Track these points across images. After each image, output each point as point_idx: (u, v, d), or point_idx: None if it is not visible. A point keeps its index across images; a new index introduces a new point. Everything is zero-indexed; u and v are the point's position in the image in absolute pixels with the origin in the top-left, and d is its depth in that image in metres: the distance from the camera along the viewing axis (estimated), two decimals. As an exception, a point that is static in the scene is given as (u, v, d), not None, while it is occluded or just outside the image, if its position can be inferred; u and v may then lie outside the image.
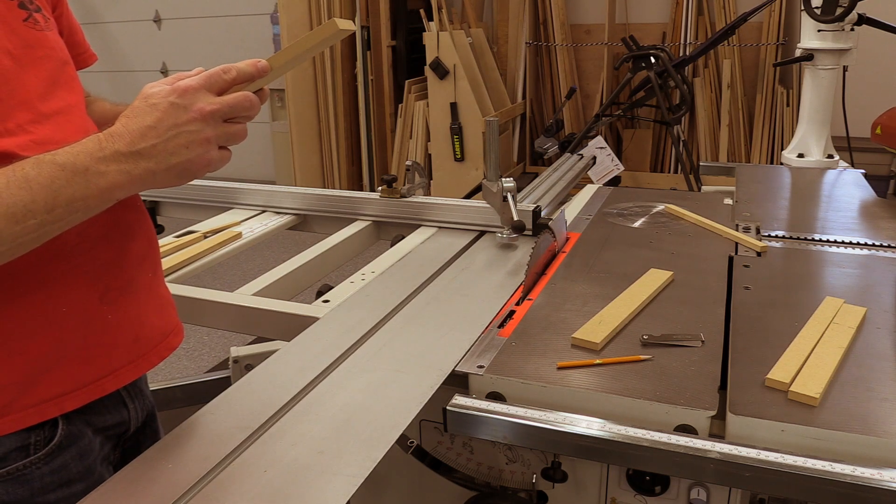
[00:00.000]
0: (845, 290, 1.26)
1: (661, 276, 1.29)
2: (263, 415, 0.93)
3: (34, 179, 0.71)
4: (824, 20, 2.55)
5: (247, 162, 6.29)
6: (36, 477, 0.84)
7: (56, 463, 0.85)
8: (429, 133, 5.24)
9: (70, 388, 0.85)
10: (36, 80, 0.86)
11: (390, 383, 1.00)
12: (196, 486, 0.80)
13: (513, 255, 1.51)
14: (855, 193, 1.92)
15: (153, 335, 0.96)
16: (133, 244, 0.94)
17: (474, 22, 5.48)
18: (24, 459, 0.83)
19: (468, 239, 1.62)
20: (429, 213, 1.72)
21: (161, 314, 0.99)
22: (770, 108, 4.89)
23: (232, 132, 0.81)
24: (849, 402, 0.90)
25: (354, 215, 1.81)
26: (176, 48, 6.18)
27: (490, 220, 1.62)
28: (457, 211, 1.69)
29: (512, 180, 1.50)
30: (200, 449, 0.87)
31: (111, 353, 0.90)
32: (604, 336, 1.07)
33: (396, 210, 1.75)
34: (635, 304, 1.18)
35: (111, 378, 0.90)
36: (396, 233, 1.76)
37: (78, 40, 1.04)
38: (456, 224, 1.69)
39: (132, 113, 0.77)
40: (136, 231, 0.95)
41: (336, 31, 0.85)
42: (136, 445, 1.02)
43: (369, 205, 1.79)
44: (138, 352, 0.93)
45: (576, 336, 1.08)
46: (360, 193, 1.83)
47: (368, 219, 1.79)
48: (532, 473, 1.02)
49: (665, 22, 5.18)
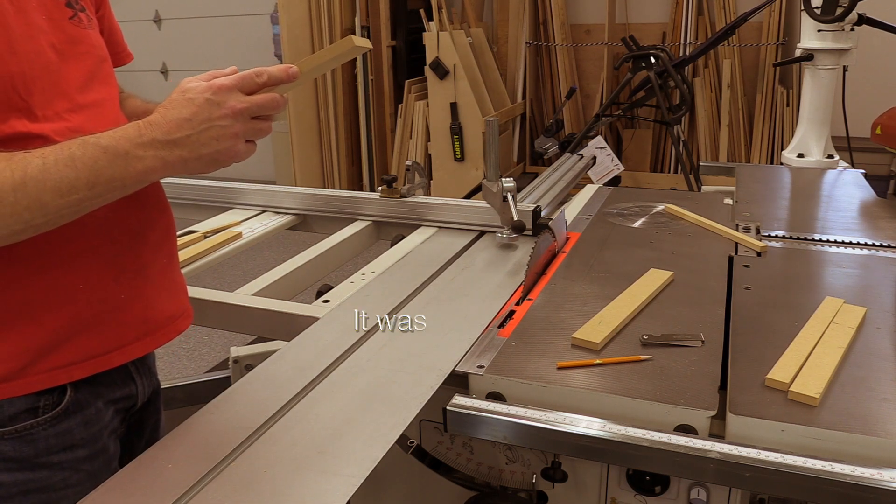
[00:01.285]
0: (845, 290, 1.26)
1: (661, 276, 1.29)
2: (263, 415, 0.93)
3: (79, 159, 0.79)
4: (824, 20, 2.55)
5: (247, 162, 6.28)
6: (41, 438, 0.90)
7: (61, 427, 0.91)
8: (429, 133, 5.24)
9: (80, 358, 0.92)
10: (76, 73, 0.93)
11: (390, 383, 1.00)
12: (196, 486, 0.80)
13: (513, 255, 1.51)
14: (855, 193, 1.92)
15: (162, 317, 1.02)
16: (152, 233, 1.00)
17: (474, 22, 5.48)
18: (32, 419, 0.89)
19: (468, 239, 1.62)
20: (429, 213, 1.72)
21: (172, 298, 1.05)
22: (770, 108, 4.89)
23: (258, 128, 0.89)
24: (849, 402, 0.90)
25: (354, 215, 1.80)
26: (176, 48, 6.17)
27: (490, 220, 1.62)
28: (457, 211, 1.69)
29: (512, 180, 1.50)
30: (200, 449, 0.86)
31: (121, 329, 0.96)
32: (604, 336, 1.07)
33: (396, 210, 1.75)
34: (635, 304, 1.18)
35: (119, 352, 0.96)
36: (396, 233, 1.76)
37: (117, 40, 1.12)
38: (456, 224, 1.68)
39: (170, 105, 0.84)
40: (156, 222, 1.02)
41: (352, 46, 0.91)
42: (139, 421, 1.09)
43: (369, 205, 1.79)
44: (147, 330, 0.99)
45: (576, 336, 1.08)
46: (360, 193, 1.84)
47: (368, 219, 1.79)
48: (532, 473, 1.02)
49: (665, 22, 5.18)
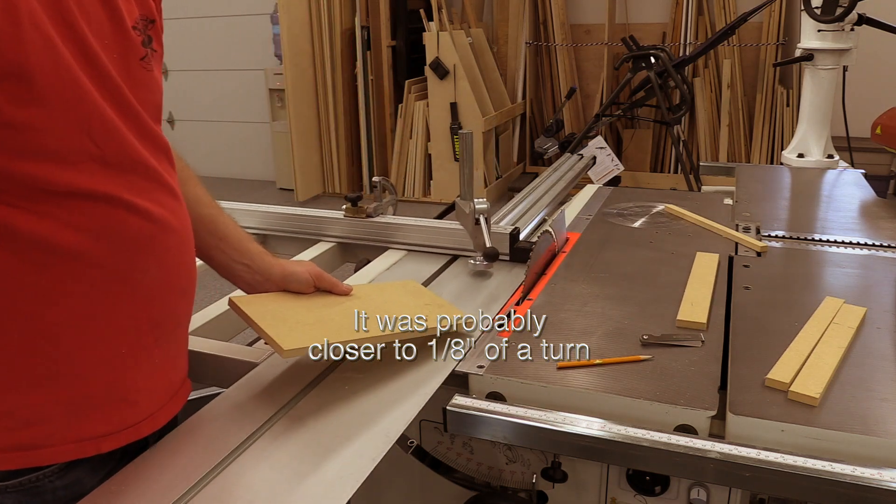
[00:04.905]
0: (845, 290, 1.26)
1: (710, 259, 1.35)
2: (184, 482, 0.84)
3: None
4: (824, 20, 2.55)
5: (247, 162, 6.31)
6: (48, 490, 0.84)
7: (69, 478, 0.85)
8: (429, 133, 5.25)
9: (112, 429, 0.86)
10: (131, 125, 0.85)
11: (329, 452, 0.88)
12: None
13: (486, 284, 1.36)
14: (855, 193, 1.92)
15: (182, 375, 0.97)
16: (187, 289, 0.95)
17: (474, 22, 5.48)
18: (37, 472, 0.83)
19: (439, 264, 1.48)
20: (397, 234, 1.57)
21: (185, 353, 0.99)
22: (770, 108, 4.89)
23: None
24: (849, 402, 0.90)
25: (318, 236, 1.67)
26: (176, 48, 6.17)
27: (464, 243, 1.48)
28: (427, 233, 1.54)
29: (485, 201, 1.38)
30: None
31: (153, 396, 0.90)
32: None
33: (362, 231, 1.61)
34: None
35: (148, 421, 0.89)
36: (363, 255, 1.63)
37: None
38: (426, 247, 1.54)
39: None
40: (186, 267, 0.95)
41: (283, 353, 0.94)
42: None
43: (334, 225, 1.65)
44: (171, 392, 0.93)
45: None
46: (324, 212, 1.69)
47: (333, 240, 1.65)
48: (532, 473, 1.02)
49: (665, 22, 5.18)
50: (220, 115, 6.31)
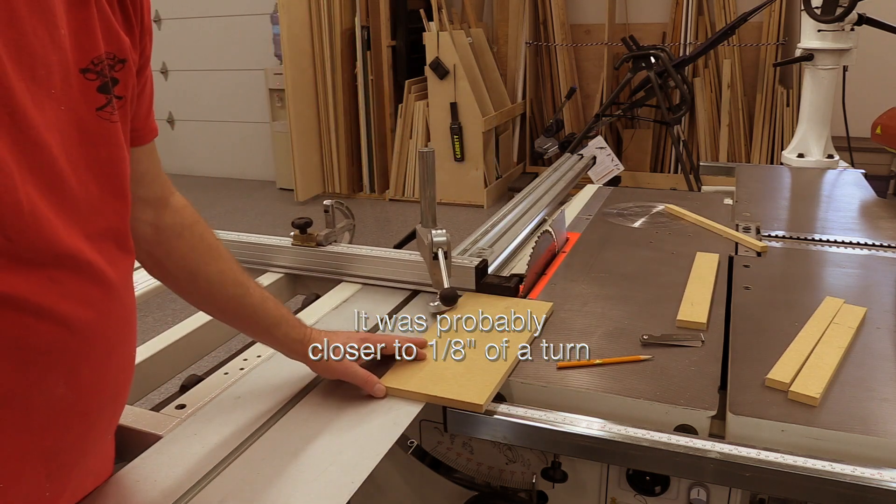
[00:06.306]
0: (845, 290, 1.26)
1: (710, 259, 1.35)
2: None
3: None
4: (824, 20, 2.55)
5: (247, 162, 6.30)
6: None
7: None
8: (429, 133, 5.24)
9: None
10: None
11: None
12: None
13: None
14: (855, 193, 1.92)
15: (86, 485, 0.80)
16: (105, 415, 0.77)
17: (474, 22, 5.48)
18: None
19: (398, 300, 1.32)
20: (351, 265, 1.40)
21: (101, 460, 0.82)
22: (770, 108, 4.89)
23: None
24: (849, 402, 0.90)
25: (265, 266, 1.49)
26: (176, 48, 6.17)
27: (425, 276, 1.30)
28: (385, 265, 1.37)
29: (445, 233, 1.22)
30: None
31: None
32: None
33: (312, 261, 1.44)
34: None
35: None
36: (315, 287, 1.46)
37: (146, 111, 0.82)
38: (383, 281, 1.37)
39: None
40: (111, 377, 0.75)
41: None
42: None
43: (281, 254, 1.47)
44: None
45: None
46: (272, 239, 1.51)
47: (281, 270, 1.48)
48: (532, 473, 1.02)
49: (665, 22, 5.18)
50: (220, 115, 6.31)
